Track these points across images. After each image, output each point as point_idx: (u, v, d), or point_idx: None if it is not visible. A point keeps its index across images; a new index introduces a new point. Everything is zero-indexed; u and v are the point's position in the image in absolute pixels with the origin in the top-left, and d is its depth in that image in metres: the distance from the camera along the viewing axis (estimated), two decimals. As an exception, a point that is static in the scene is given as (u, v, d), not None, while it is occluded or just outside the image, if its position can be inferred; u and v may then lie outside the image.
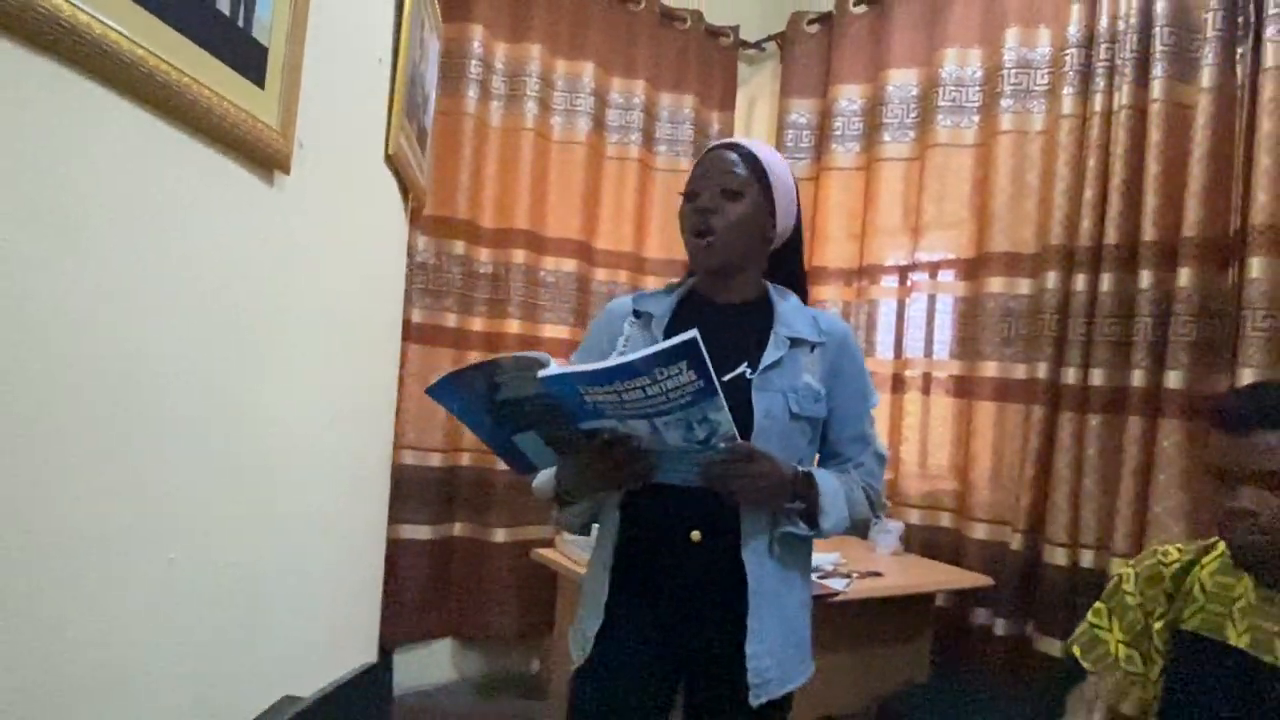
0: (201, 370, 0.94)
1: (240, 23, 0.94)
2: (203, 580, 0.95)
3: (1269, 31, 1.84)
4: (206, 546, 0.96)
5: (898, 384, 2.75)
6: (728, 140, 1.34)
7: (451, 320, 2.65)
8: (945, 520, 2.56)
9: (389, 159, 1.57)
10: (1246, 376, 1.81)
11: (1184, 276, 1.97)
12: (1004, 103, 2.47)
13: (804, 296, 1.38)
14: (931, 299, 2.69)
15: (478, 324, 2.70)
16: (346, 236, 1.40)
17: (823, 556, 2.24)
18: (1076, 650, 1.38)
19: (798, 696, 1.30)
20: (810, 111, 3.05)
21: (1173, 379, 1.98)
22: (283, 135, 1.01)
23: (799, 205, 1.36)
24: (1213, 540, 1.30)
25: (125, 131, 0.78)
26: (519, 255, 2.73)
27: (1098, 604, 1.40)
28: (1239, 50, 1.94)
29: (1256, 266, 1.82)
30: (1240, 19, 1.94)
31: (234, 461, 1.03)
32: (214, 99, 0.89)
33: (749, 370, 1.24)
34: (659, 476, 1.14)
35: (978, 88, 2.59)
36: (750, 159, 1.27)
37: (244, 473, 1.06)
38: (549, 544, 2.49)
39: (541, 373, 1.00)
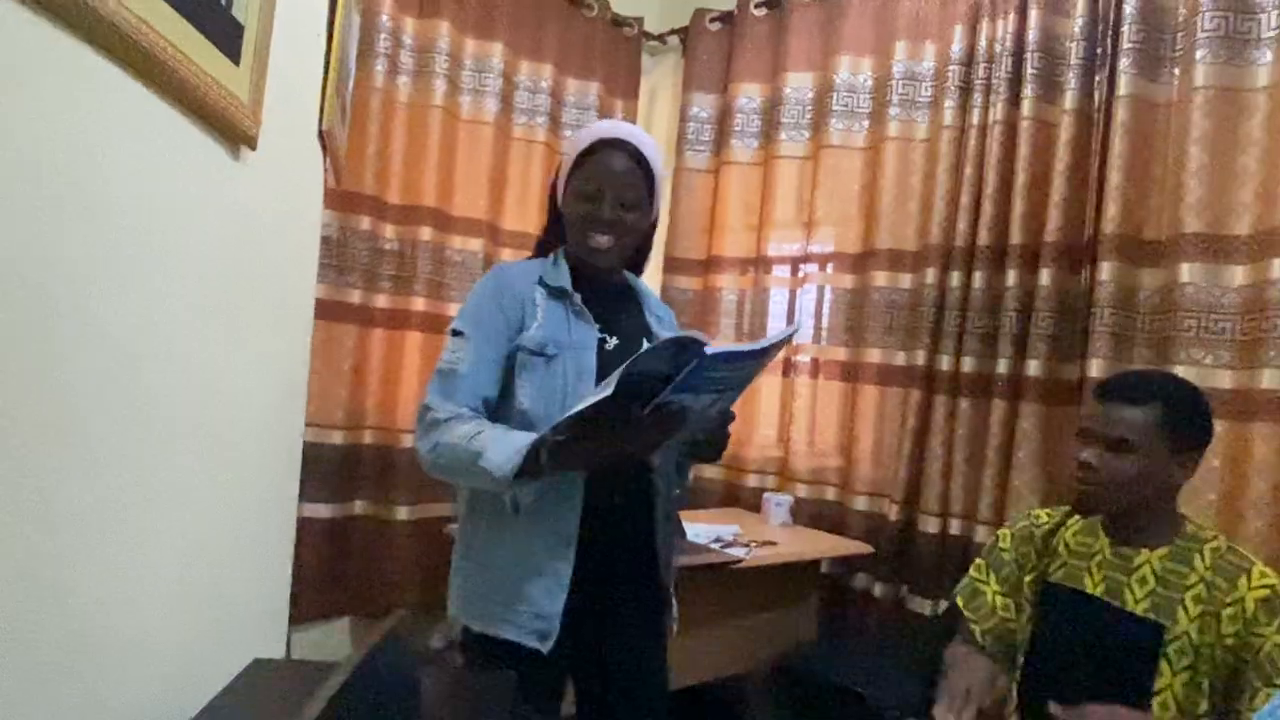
0: (165, 340, 0.94)
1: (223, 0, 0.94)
2: (174, 551, 0.96)
3: (1122, 63, 2.10)
4: (176, 517, 0.97)
5: (788, 368, 2.93)
6: (620, 137, 1.36)
7: (356, 297, 2.60)
8: (830, 494, 2.77)
9: (322, 135, 1.56)
10: (1094, 367, 2.07)
11: (1044, 276, 2.22)
12: (892, 111, 2.67)
13: (640, 269, 1.54)
14: (821, 290, 2.88)
15: (383, 301, 2.67)
16: (290, 213, 1.39)
17: (723, 528, 2.39)
18: (959, 600, 1.58)
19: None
20: (711, 107, 3.17)
21: (1032, 367, 2.24)
22: (252, 112, 1.02)
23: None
24: (1075, 504, 1.52)
25: (107, 94, 0.77)
26: (426, 233, 2.72)
27: (978, 560, 1.60)
28: (1097, 78, 2.20)
29: (1106, 270, 2.08)
30: (1099, 50, 2.19)
31: (197, 433, 1.03)
32: (196, 72, 0.89)
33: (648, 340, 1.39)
34: (679, 437, 1.25)
35: (868, 95, 2.78)
36: (645, 165, 1.36)
37: (205, 444, 1.06)
38: (453, 521, 2.52)
39: (710, 349, 1.06)
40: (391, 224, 2.67)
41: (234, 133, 1.00)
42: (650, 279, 3.23)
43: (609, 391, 1.03)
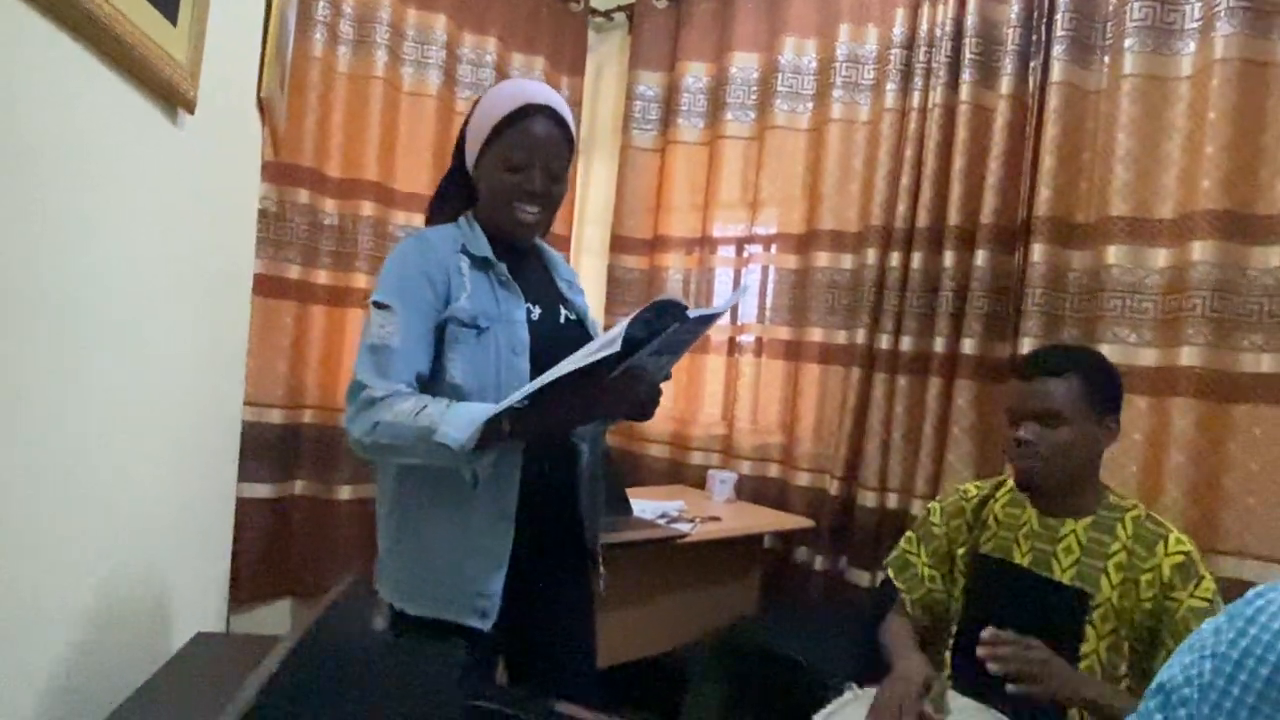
0: (100, 311, 0.91)
1: (157, -46, 0.90)
2: (108, 526, 0.93)
3: (1056, 51, 2.17)
4: (109, 491, 0.94)
5: (733, 348, 2.96)
6: (546, 102, 1.31)
7: (295, 273, 2.54)
8: (773, 471, 2.82)
9: (260, 103, 1.52)
10: (1027, 345, 2.14)
11: (980, 258, 2.29)
12: (835, 93, 2.70)
13: (544, 232, 1.47)
14: (765, 270, 2.92)
15: (323, 277, 2.61)
16: (228, 182, 1.35)
17: (669, 504, 2.42)
18: (891, 571, 1.63)
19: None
20: (658, 85, 3.17)
21: (967, 345, 2.31)
22: (190, 75, 0.99)
23: None
24: (1004, 476, 1.58)
25: (36, 49, 0.74)
26: (368, 208, 2.66)
27: (909, 533, 1.65)
28: (1032, 64, 2.26)
29: (1038, 252, 2.15)
30: (1035, 37, 2.26)
31: (132, 408, 1.00)
32: (132, 29, 0.85)
33: (566, 311, 1.40)
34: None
35: (812, 76, 2.81)
36: (567, 131, 1.34)
37: (141, 418, 1.03)
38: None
39: (692, 312, 1.07)
40: (331, 198, 2.62)
41: (172, 95, 0.96)
42: (597, 258, 3.25)
43: (616, 349, 1.02)
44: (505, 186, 1.29)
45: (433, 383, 1.27)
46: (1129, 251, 2.04)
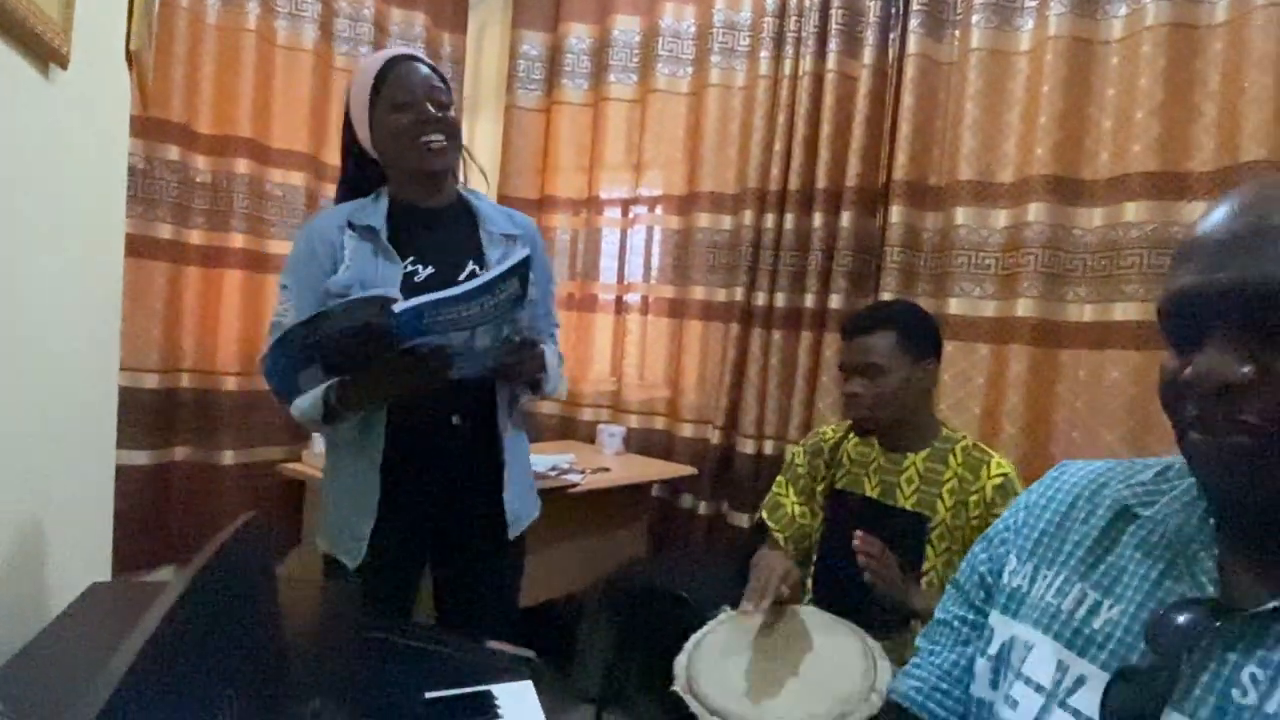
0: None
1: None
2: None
3: (912, 24, 2.33)
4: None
5: (620, 306, 3.06)
6: (409, 53, 1.44)
7: (166, 232, 2.45)
8: (660, 423, 2.95)
9: (130, 55, 1.48)
10: (887, 299, 2.33)
11: (845, 219, 2.45)
12: (713, 58, 2.79)
13: (455, 167, 1.56)
14: (650, 230, 3.01)
15: (196, 237, 2.53)
16: (100, 138, 1.32)
17: (558, 457, 2.51)
18: (765, 513, 1.78)
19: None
20: (541, 45, 3.18)
21: (835, 301, 2.48)
22: (63, 29, 0.98)
23: None
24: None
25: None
26: (242, 165, 2.58)
27: (779, 477, 1.80)
28: (891, 36, 2.42)
29: (896, 213, 2.33)
30: (894, 10, 2.41)
31: (5, 370, 1.00)
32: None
33: (477, 268, 1.42)
34: (454, 374, 1.27)
35: (691, 41, 2.89)
36: (440, 75, 1.43)
37: (14, 383, 1.03)
38: (288, 461, 2.50)
39: (397, 307, 1.10)
40: (203, 154, 2.52)
41: (43, 49, 0.95)
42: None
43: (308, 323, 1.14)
44: (402, 127, 1.37)
45: None
46: (974, 213, 2.24)
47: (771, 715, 1.19)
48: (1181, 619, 0.56)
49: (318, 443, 2.47)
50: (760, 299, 2.65)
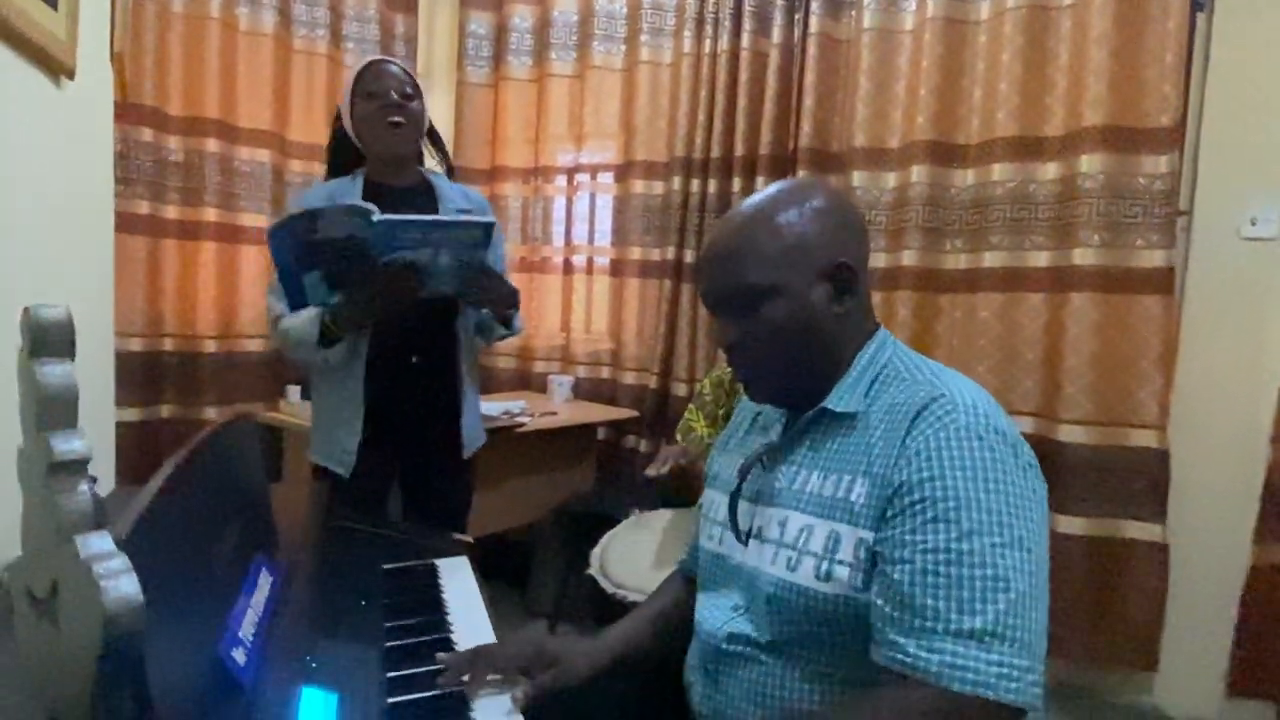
0: None
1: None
2: None
3: (814, 5, 2.60)
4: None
5: (568, 267, 3.34)
6: (386, 58, 1.80)
7: (145, 208, 2.69)
8: (605, 373, 3.25)
9: (115, 57, 1.72)
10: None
11: (759, 183, 2.73)
12: (643, 37, 3.05)
13: (450, 173, 1.90)
14: (592, 196, 3.29)
15: (172, 212, 2.76)
16: (94, 129, 1.57)
17: (512, 404, 2.80)
18: (679, 435, 2.09)
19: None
20: (488, 24, 3.40)
21: (753, 257, 2.77)
22: (69, 48, 1.23)
23: None
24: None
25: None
26: (212, 144, 2.81)
27: (690, 405, 2.12)
28: (796, 16, 2.69)
29: (802, 176, 2.62)
30: (797, -8, 2.68)
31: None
32: (26, 20, 1.10)
33: None
34: (424, 293, 1.57)
35: (624, 21, 3.14)
36: (410, 75, 1.75)
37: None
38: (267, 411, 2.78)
39: (376, 216, 1.40)
40: (175, 135, 2.75)
41: (56, 65, 1.21)
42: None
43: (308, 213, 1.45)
44: (370, 111, 1.69)
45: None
46: (868, 176, 2.54)
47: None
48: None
49: (292, 394, 2.74)
50: (689, 256, 2.94)
